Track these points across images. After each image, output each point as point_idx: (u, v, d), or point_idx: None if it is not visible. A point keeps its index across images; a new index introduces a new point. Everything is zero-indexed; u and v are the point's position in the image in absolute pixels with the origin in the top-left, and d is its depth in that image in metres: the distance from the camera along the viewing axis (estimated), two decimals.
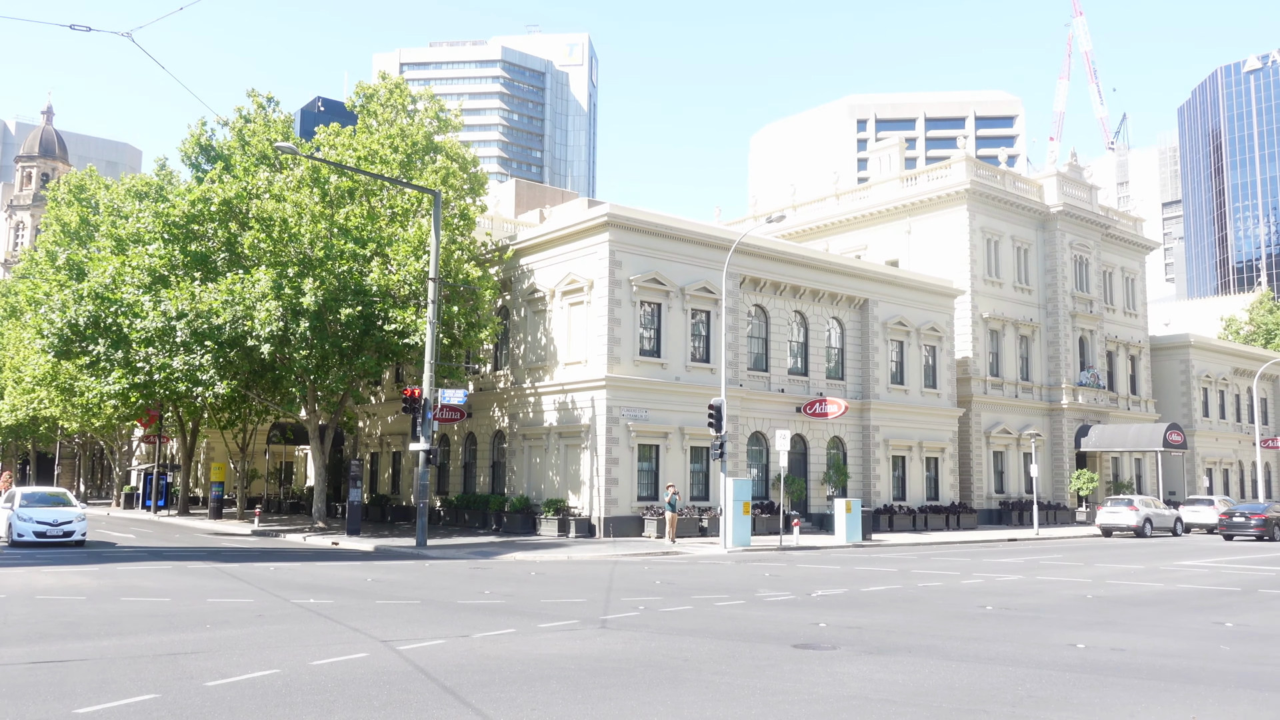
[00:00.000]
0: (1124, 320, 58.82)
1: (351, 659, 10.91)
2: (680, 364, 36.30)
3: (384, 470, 47.11)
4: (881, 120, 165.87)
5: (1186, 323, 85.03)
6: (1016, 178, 53.63)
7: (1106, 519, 41.63)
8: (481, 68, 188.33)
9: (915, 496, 44.10)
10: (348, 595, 17.18)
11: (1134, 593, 19.63)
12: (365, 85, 37.29)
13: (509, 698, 9.16)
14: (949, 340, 46.16)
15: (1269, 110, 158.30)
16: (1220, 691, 10.02)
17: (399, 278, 32.11)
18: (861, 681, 10.22)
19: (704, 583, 20.28)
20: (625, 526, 33.84)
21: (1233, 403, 66.32)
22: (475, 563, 24.85)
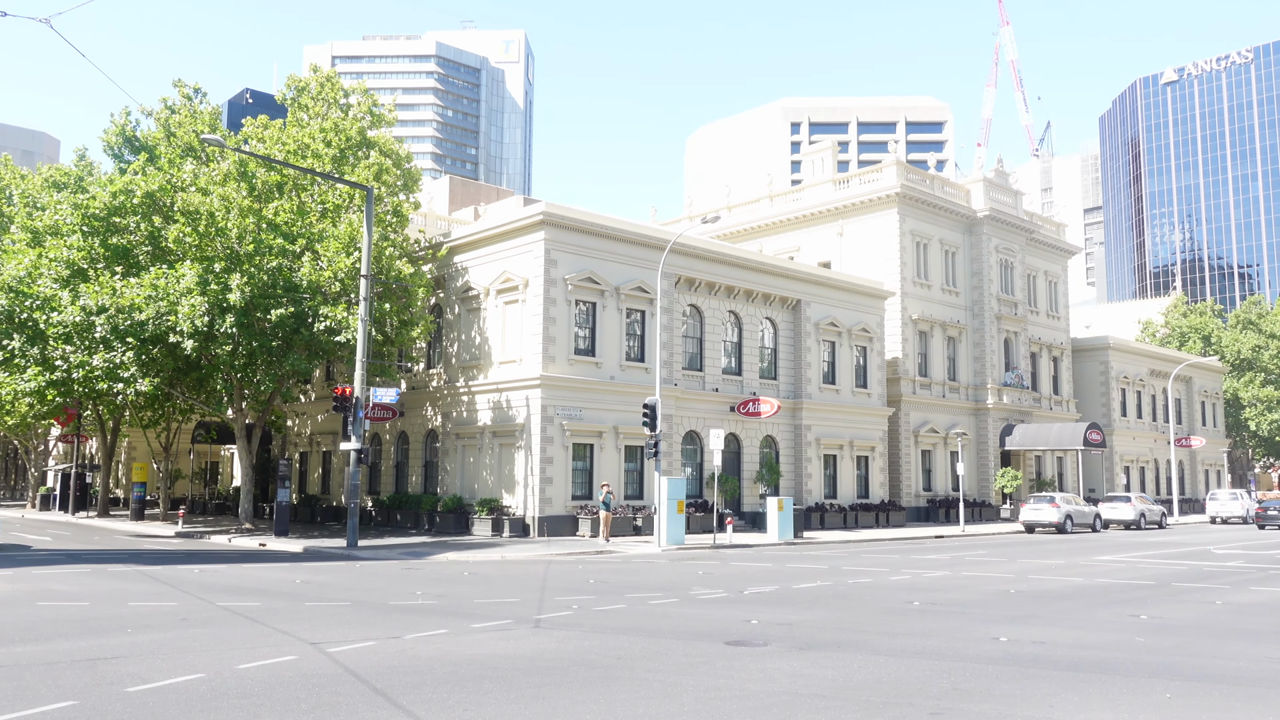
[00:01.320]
0: (1047, 322, 60.48)
1: (279, 662, 10.71)
2: (615, 363, 36.34)
3: (314, 470, 46.29)
4: (815, 124, 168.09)
5: (1106, 325, 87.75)
6: (945, 182, 54.79)
7: (1029, 516, 42.78)
8: (416, 62, 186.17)
9: (846, 494, 44.79)
10: (276, 597, 16.86)
11: (1055, 587, 20.21)
12: (296, 78, 36.59)
13: (441, 699, 9.10)
14: (879, 341, 46.97)
15: (1184, 121, 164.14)
16: (1135, 682, 10.38)
17: (330, 274, 31.58)
18: (792, 677, 10.37)
19: (638, 581, 20.34)
20: (559, 526, 33.77)
21: (1149, 403, 68.65)
22: (407, 563, 24.57)
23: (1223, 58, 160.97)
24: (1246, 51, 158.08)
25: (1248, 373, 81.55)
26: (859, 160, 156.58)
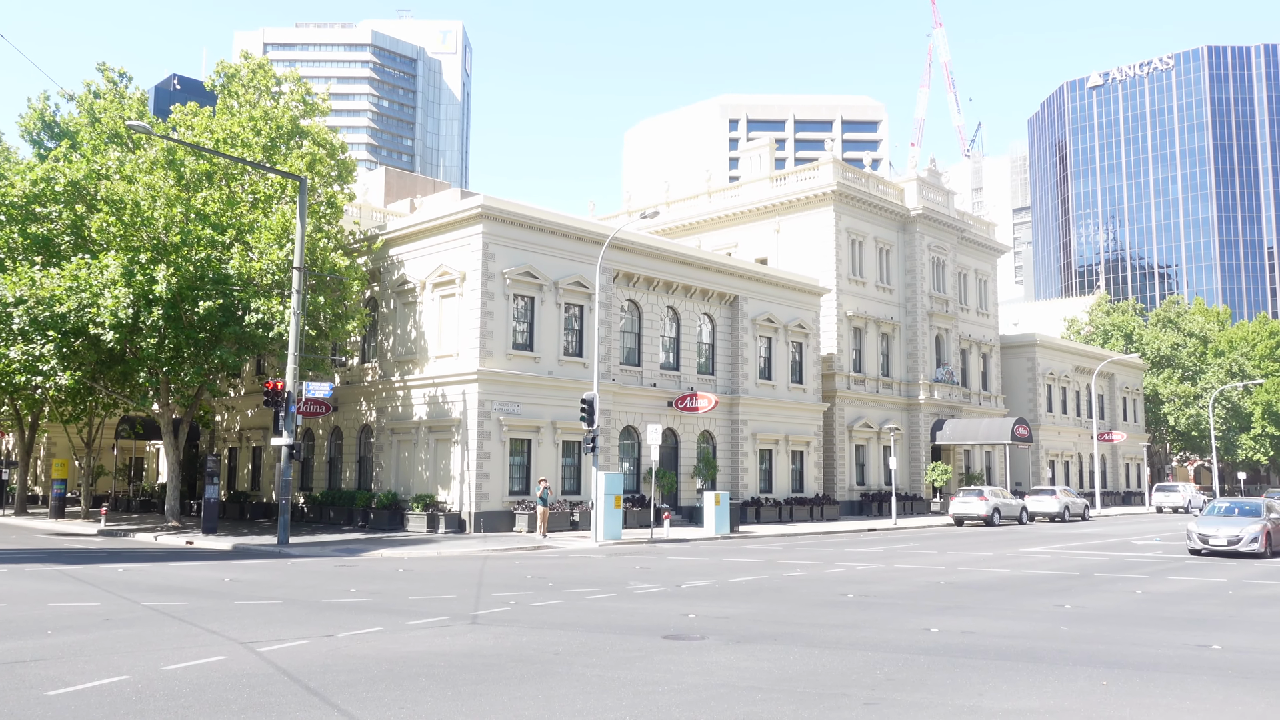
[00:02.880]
0: (977, 320, 61.81)
1: (208, 662, 10.48)
2: (553, 358, 36.21)
3: (243, 466, 45.32)
4: (753, 120, 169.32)
5: (1033, 323, 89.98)
6: (880, 181, 55.63)
7: (959, 509, 43.73)
8: (350, 51, 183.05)
9: (782, 489, 45.27)
10: (204, 596, 16.48)
11: (983, 579, 20.70)
12: (226, 64, 35.68)
13: (376, 697, 8.98)
14: (815, 337, 47.54)
15: (1109, 124, 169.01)
16: (1060, 669, 10.69)
17: (261, 266, 30.89)
18: (729, 670, 10.45)
19: (575, 576, 20.33)
20: (496, 521, 33.57)
21: (1073, 399, 70.61)
22: (341, 560, 24.21)
23: (1145, 63, 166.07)
24: (1168, 58, 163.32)
25: (1166, 369, 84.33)
26: (796, 158, 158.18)
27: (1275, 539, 26.81)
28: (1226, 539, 26.23)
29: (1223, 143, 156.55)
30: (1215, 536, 26.48)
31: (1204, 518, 27.92)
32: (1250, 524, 26.48)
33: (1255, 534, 26.07)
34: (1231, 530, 26.38)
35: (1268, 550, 26.21)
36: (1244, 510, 27.72)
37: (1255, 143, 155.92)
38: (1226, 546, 26.19)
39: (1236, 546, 26.03)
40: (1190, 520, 28.71)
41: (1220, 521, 27.11)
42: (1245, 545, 25.94)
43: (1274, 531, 26.80)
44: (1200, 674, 10.54)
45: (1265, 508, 27.54)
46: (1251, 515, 27.22)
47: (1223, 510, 28.27)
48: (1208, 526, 26.95)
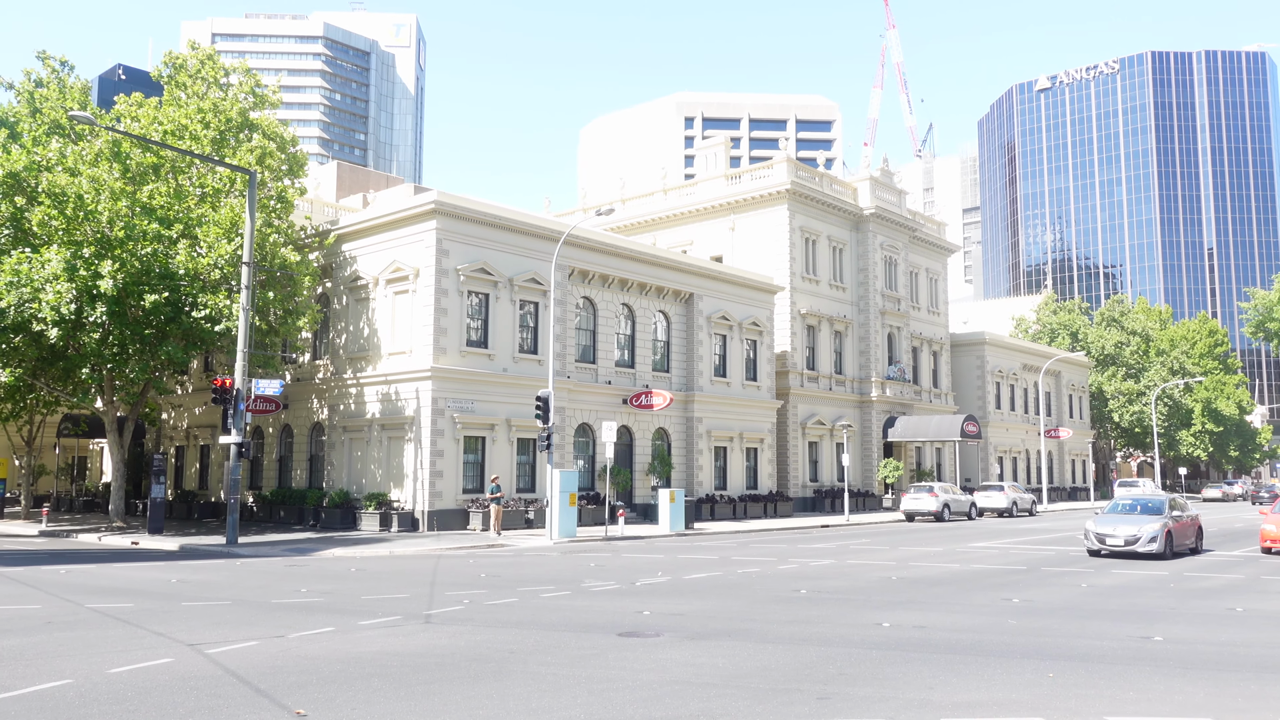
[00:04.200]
0: (928, 318, 62.64)
1: (155, 665, 10.28)
2: (508, 355, 36.04)
3: (191, 465, 44.52)
4: (708, 119, 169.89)
5: (983, 321, 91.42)
6: (833, 180, 56.12)
7: (910, 505, 44.31)
8: (302, 43, 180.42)
9: (736, 486, 45.51)
10: (150, 598, 16.17)
11: (933, 573, 21.00)
12: (173, 54, 34.96)
13: (328, 698, 8.88)
14: (769, 335, 47.85)
15: (1056, 127, 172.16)
16: (1008, 662, 10.88)
17: (209, 261, 30.34)
18: (683, 666, 10.49)
19: (530, 574, 20.27)
20: (450, 520, 33.35)
21: (1021, 396, 71.87)
22: (291, 560, 23.88)
23: (1091, 67, 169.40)
24: (1113, 62, 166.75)
25: (1111, 367, 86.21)
26: (751, 156, 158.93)
27: (1178, 539, 25.13)
28: (1124, 538, 24.29)
29: (1165, 146, 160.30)
30: (1113, 536, 24.50)
31: (1103, 516, 25.92)
32: (1150, 522, 24.54)
33: (1154, 533, 24.20)
34: (1130, 529, 24.41)
35: (1168, 550, 24.43)
36: (1146, 507, 25.78)
37: (1196, 146, 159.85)
38: (1124, 547, 24.29)
39: (1134, 547, 24.16)
40: (1089, 518, 26.69)
41: (1119, 520, 25.09)
42: (1143, 545, 24.12)
43: (1177, 531, 25.05)
44: (1143, 665, 10.80)
45: (1169, 504, 25.72)
46: (1153, 513, 25.28)
47: (1124, 507, 26.33)
48: (1106, 525, 24.91)
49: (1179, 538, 25.15)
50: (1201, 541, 27.09)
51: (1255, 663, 11.09)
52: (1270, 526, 26.72)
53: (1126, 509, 26.06)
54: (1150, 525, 24.38)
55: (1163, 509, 25.27)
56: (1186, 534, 25.82)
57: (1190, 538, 26.16)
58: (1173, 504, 25.83)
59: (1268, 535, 26.65)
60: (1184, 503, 26.94)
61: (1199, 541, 26.87)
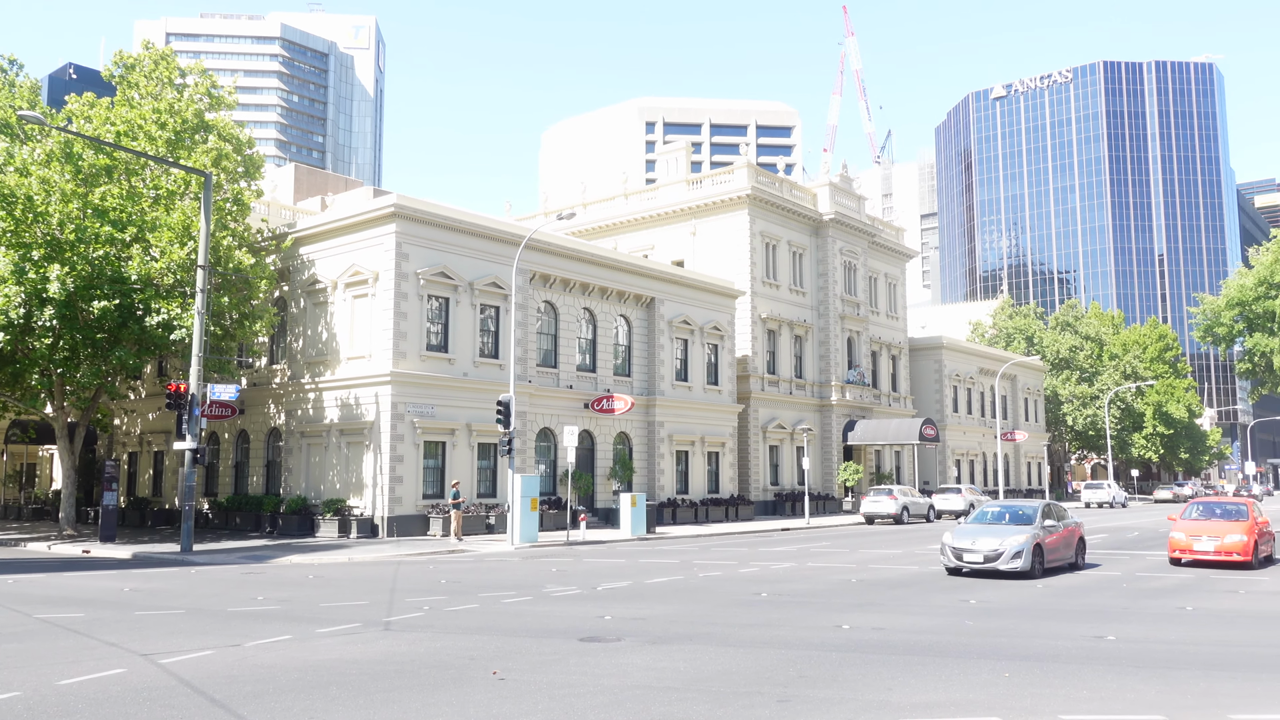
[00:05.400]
0: (887, 323, 63.28)
1: (107, 675, 10.08)
2: (469, 360, 35.85)
3: (144, 471, 43.73)
4: (670, 124, 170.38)
5: (940, 326, 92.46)
6: (793, 186, 56.52)
7: (869, 508, 44.69)
8: (258, 44, 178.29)
9: (697, 490, 45.62)
10: (101, 607, 15.86)
11: (893, 576, 21.20)
12: (126, 54, 34.36)
13: (285, 707, 8.77)
14: (730, 339, 48.05)
15: (1011, 134, 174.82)
16: (965, 663, 11.02)
17: (162, 265, 29.84)
18: (645, 671, 10.50)
19: (490, 580, 20.16)
20: (410, 525, 33.07)
21: (978, 399, 72.82)
22: (248, 567, 23.54)
23: (1045, 76, 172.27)
24: (1066, 71, 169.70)
25: (1065, 371, 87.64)
26: (711, 161, 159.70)
27: (1050, 553, 21.40)
28: (984, 554, 20.47)
29: (1117, 154, 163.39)
30: (971, 551, 20.64)
31: (964, 526, 22.28)
32: (1015, 535, 20.71)
33: (1019, 547, 20.32)
34: (991, 543, 20.56)
35: (1036, 567, 20.62)
36: (1016, 516, 22.11)
37: (1147, 155, 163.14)
38: (983, 564, 20.45)
39: (995, 564, 20.31)
40: (947, 531, 22.56)
41: (980, 532, 21.27)
42: (1005, 562, 20.26)
43: (1049, 544, 21.38)
44: (1096, 664, 10.98)
45: (1041, 513, 21.91)
46: (1021, 523, 21.56)
47: (992, 516, 22.62)
48: (964, 539, 21.02)
49: (1052, 552, 21.51)
50: (1083, 555, 23.26)
51: (1204, 660, 11.34)
52: (1179, 535, 23.24)
53: (994, 518, 22.49)
54: (1015, 538, 20.58)
55: (1033, 519, 21.68)
56: (1061, 547, 22.11)
57: (1067, 551, 22.47)
58: (1047, 512, 22.25)
59: (1177, 544, 23.24)
60: (1063, 510, 23.32)
61: (1080, 555, 23.06)
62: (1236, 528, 22.80)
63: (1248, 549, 22.28)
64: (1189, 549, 22.90)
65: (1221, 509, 24.38)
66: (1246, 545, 22.28)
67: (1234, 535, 22.50)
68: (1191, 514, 24.39)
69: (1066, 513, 23.37)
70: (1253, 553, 22.38)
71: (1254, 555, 22.47)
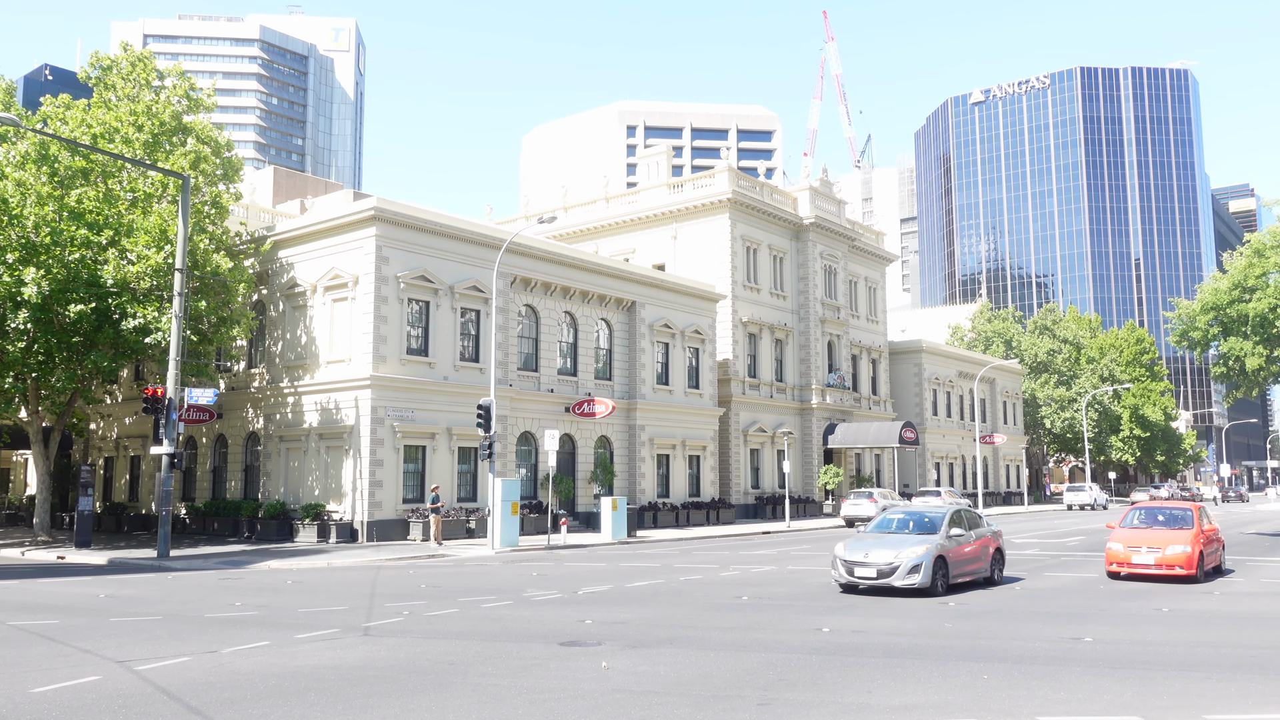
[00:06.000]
0: (867, 326, 63.57)
1: (81, 683, 9.99)
2: (449, 363, 35.74)
3: (120, 476, 43.32)
4: (650, 128, 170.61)
5: (920, 330, 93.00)
6: (774, 190, 56.71)
7: (850, 510, 44.85)
8: (237, 46, 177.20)
9: (678, 493, 45.65)
10: (76, 614, 15.70)
11: None
12: (103, 56, 34.07)
13: (262, 714, 8.71)
14: (711, 343, 48.13)
15: (990, 139, 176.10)
16: (944, 665, 11.08)
17: (139, 269, 29.57)
18: (625, 675, 10.49)
19: (471, 585, 20.10)
20: (390, 530, 32.91)
21: (957, 403, 73.25)
22: (225, 573, 23.36)
23: (1023, 82, 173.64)
24: (1044, 77, 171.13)
25: (1043, 374, 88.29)
26: (692, 165, 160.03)
27: (956, 567, 18.65)
28: (878, 568, 17.74)
29: (1094, 159, 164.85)
30: (864, 565, 17.91)
31: (859, 537, 19.71)
32: (914, 546, 17.97)
33: (917, 560, 17.59)
34: (885, 555, 17.87)
35: (937, 584, 17.85)
36: (921, 524, 19.35)
37: (1123, 160, 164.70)
38: (876, 579, 17.75)
39: (890, 580, 17.58)
40: (841, 541, 19.42)
41: (876, 542, 18.61)
42: (901, 578, 17.52)
43: (955, 557, 18.60)
44: (1074, 665, 11.07)
45: (949, 520, 19.07)
46: (924, 533, 18.85)
47: (896, 524, 19.95)
48: (857, 550, 18.31)
49: (959, 565, 18.74)
50: (1001, 569, 20.33)
51: (1179, 661, 11.45)
52: (1117, 545, 20.86)
53: (898, 525, 19.80)
54: (912, 550, 17.85)
55: (938, 527, 18.92)
56: (972, 560, 19.31)
57: (979, 564, 19.61)
58: (956, 519, 19.37)
59: (1115, 556, 20.80)
60: (977, 517, 20.52)
61: (997, 569, 20.19)
62: (1180, 537, 20.49)
63: (1191, 561, 20.00)
64: (1127, 561, 20.51)
65: (1165, 515, 21.88)
66: (1190, 557, 20.00)
67: (1176, 546, 20.19)
68: (1132, 521, 22.17)
69: (981, 520, 20.62)
70: (1197, 565, 20.12)
71: (1198, 568, 20.19)
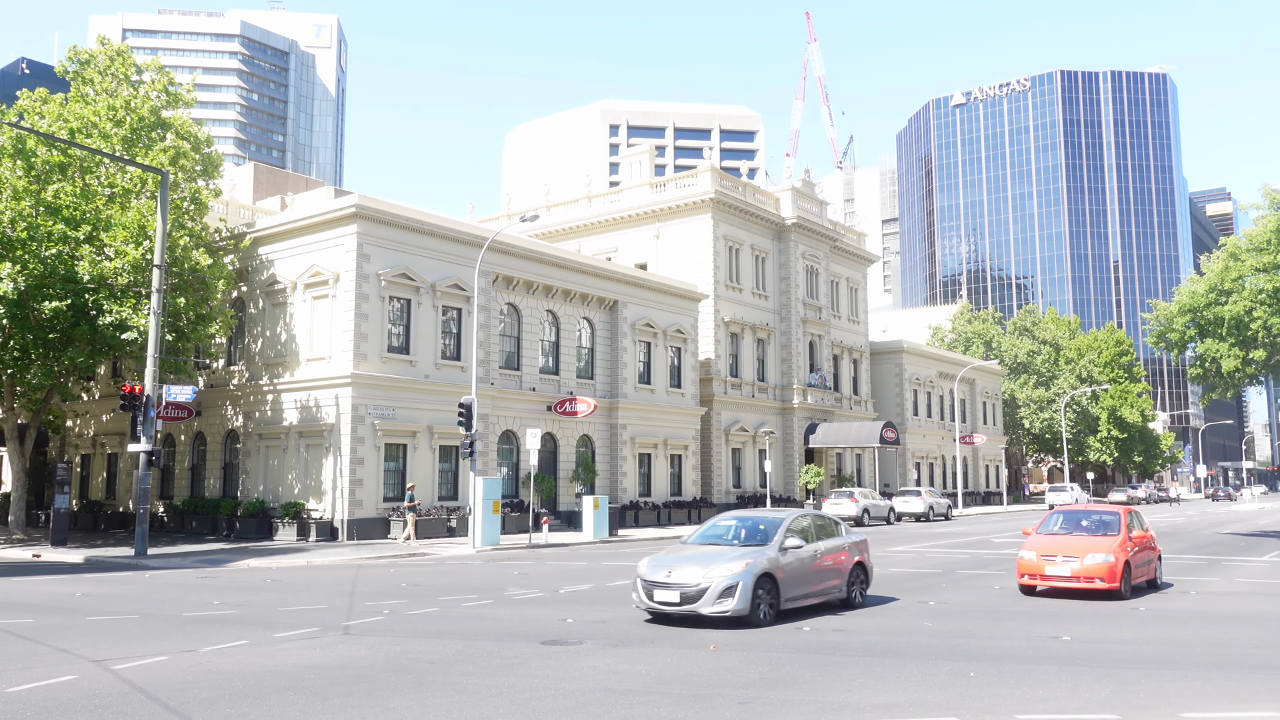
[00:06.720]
0: (848, 326, 63.80)
1: (57, 683, 9.89)
2: (430, 362, 35.61)
3: (97, 474, 42.92)
4: (633, 127, 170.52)
5: (901, 330, 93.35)
6: (756, 190, 56.81)
7: (831, 510, 44.98)
8: (217, 41, 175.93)
9: (660, 492, 45.67)
10: (52, 612, 15.54)
11: None
12: (81, 50, 33.75)
13: (241, 713, 8.65)
14: (693, 342, 48.17)
15: (971, 141, 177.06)
16: (924, 664, 11.13)
17: (116, 265, 29.30)
18: (607, 674, 10.49)
19: (452, 583, 20.04)
20: (370, 529, 32.76)
21: (938, 403, 73.62)
22: (203, 571, 23.20)
23: (1004, 84, 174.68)
24: (1025, 80, 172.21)
25: (1023, 375, 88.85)
26: (675, 165, 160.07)
27: (792, 588, 14.57)
28: (681, 591, 13.66)
29: (1074, 162, 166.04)
30: (666, 586, 13.82)
31: (673, 549, 15.46)
32: (729, 562, 13.89)
33: (732, 580, 13.54)
34: (694, 574, 13.76)
35: (763, 610, 13.88)
36: (753, 533, 15.19)
37: (1103, 163, 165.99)
38: (680, 605, 13.67)
39: (696, 606, 13.53)
40: (646, 557, 14.94)
41: (688, 557, 14.38)
42: (710, 603, 13.47)
43: (790, 576, 14.52)
44: (1052, 664, 11.15)
45: (784, 530, 14.83)
46: (751, 546, 14.63)
47: (727, 532, 15.67)
48: (660, 569, 14.15)
49: (797, 585, 14.73)
50: (863, 588, 16.40)
51: (1156, 660, 11.55)
52: (1029, 554, 17.84)
53: (730, 534, 15.55)
54: (727, 567, 13.79)
55: (770, 537, 14.78)
56: (817, 579, 15.23)
57: (828, 583, 15.53)
58: (797, 527, 15.21)
59: (1026, 566, 17.76)
60: (832, 524, 16.41)
61: (857, 588, 16.17)
62: (1101, 545, 17.44)
63: (1114, 573, 16.95)
64: (1040, 573, 17.50)
65: (1090, 520, 19.01)
66: (1112, 568, 16.96)
67: (1097, 555, 17.11)
68: (1051, 526, 19.23)
69: (839, 528, 16.48)
70: (1121, 577, 17.04)
71: (1122, 581, 17.09)
